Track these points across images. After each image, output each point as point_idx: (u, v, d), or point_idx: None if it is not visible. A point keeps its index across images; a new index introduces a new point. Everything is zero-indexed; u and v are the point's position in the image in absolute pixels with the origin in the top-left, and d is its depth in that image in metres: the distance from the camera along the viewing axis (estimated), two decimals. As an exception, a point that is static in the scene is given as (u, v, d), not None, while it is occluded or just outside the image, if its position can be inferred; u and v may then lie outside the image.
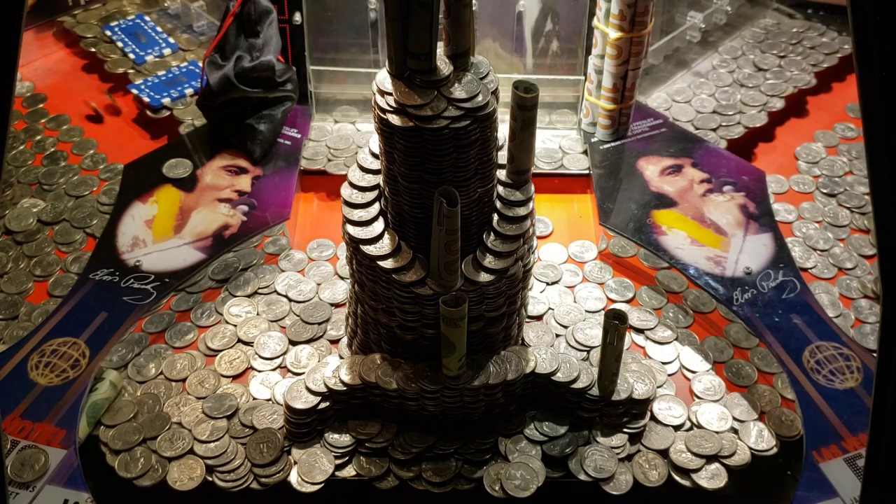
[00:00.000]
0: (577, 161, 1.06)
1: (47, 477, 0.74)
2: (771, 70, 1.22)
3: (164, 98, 1.13)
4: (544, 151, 1.07)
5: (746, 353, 0.87)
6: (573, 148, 1.08)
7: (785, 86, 1.19)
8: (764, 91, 1.18)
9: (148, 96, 1.13)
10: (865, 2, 0.55)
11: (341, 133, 1.10)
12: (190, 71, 1.18)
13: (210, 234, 0.94)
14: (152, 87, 1.15)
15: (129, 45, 1.22)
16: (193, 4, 1.21)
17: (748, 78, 1.20)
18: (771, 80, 1.20)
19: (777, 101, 1.16)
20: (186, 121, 1.11)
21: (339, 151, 1.07)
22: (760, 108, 1.15)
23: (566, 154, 1.07)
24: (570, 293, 0.94)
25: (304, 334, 0.88)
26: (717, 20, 1.23)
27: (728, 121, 1.13)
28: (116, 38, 1.23)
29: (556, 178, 1.05)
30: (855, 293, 0.93)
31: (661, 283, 0.94)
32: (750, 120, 1.13)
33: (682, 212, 0.97)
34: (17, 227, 0.99)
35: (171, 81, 1.16)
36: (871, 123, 0.56)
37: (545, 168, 1.05)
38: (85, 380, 0.80)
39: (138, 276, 0.89)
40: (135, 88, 1.15)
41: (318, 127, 1.10)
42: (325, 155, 1.06)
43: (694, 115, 1.14)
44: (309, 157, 1.05)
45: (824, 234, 0.99)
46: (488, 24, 1.07)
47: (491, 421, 0.79)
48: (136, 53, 1.21)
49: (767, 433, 0.80)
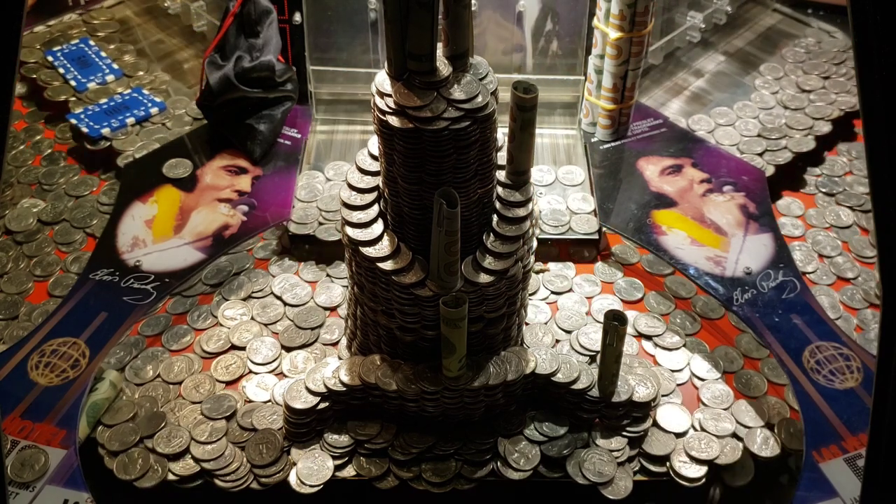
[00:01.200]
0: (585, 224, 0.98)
1: (47, 477, 0.74)
2: (816, 91, 1.18)
3: (104, 128, 1.08)
4: (550, 213, 0.98)
5: (757, 364, 0.87)
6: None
7: (830, 109, 1.15)
8: (809, 113, 1.14)
9: (87, 126, 1.08)
10: (865, 2, 0.55)
11: (333, 193, 1.00)
12: (133, 98, 1.13)
13: (210, 234, 0.94)
14: (91, 117, 1.09)
15: (71, 71, 1.17)
16: (193, 4, 1.21)
17: (792, 100, 1.16)
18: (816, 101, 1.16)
19: (824, 126, 1.12)
20: (126, 151, 1.05)
21: (331, 214, 0.97)
22: (807, 132, 1.11)
23: (575, 214, 0.99)
24: (571, 295, 0.93)
25: (297, 339, 0.88)
26: (717, 20, 1.23)
27: (774, 145, 1.09)
28: (58, 64, 1.18)
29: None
30: (859, 304, 0.92)
31: (669, 288, 0.94)
32: (797, 144, 1.09)
33: (682, 212, 0.97)
34: (17, 227, 0.99)
35: (113, 110, 1.11)
36: (871, 123, 0.56)
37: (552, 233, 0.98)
38: (85, 380, 0.80)
39: (138, 276, 0.90)
40: (73, 118, 1.09)
41: (308, 185, 1.01)
42: (316, 218, 0.97)
43: (739, 139, 1.10)
44: (298, 220, 0.97)
45: (833, 241, 0.99)
46: (488, 24, 1.07)
47: (491, 421, 0.79)
48: (78, 80, 1.15)
49: (773, 441, 0.79)
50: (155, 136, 1.08)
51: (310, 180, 1.02)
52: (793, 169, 1.07)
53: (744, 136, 1.10)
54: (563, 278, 0.95)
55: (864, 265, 0.97)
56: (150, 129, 1.09)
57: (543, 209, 0.98)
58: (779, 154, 1.08)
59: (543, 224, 0.97)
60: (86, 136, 1.08)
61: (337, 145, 1.08)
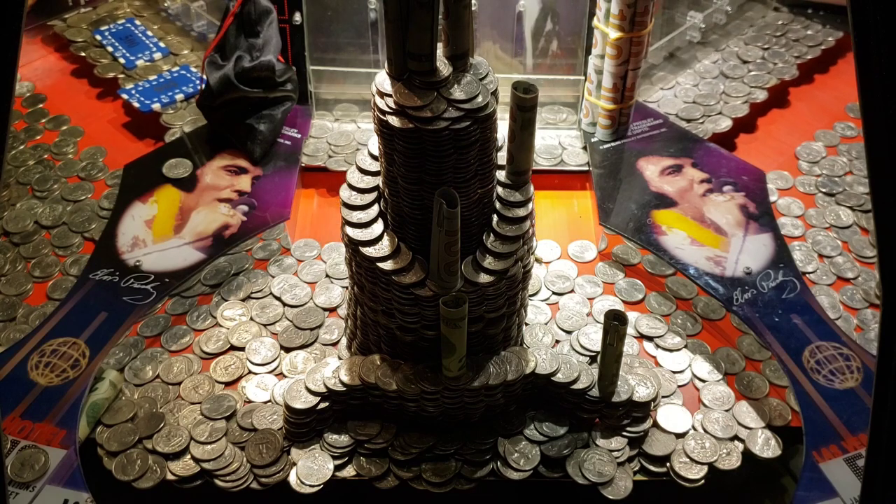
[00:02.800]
0: (576, 157, 1.06)
1: (47, 477, 0.74)
2: (754, 62, 1.22)
3: (154, 103, 1.12)
4: (544, 148, 1.07)
5: (758, 366, 0.87)
6: (573, 144, 1.08)
7: (768, 77, 1.20)
8: (747, 83, 1.19)
9: (138, 101, 1.12)
10: (865, 2, 0.54)
11: (342, 130, 1.10)
12: (181, 76, 1.17)
13: (210, 234, 0.94)
14: (142, 93, 1.14)
15: (120, 49, 1.21)
16: (193, 4, 1.21)
17: (732, 69, 1.21)
18: (754, 72, 1.20)
19: (760, 93, 1.17)
20: (175, 125, 1.10)
21: (340, 148, 1.07)
22: (745, 100, 1.16)
23: (565, 150, 1.07)
24: (572, 295, 0.93)
25: (296, 340, 0.88)
26: (717, 20, 1.23)
27: (710, 111, 1.14)
28: (107, 43, 1.22)
29: (556, 176, 1.06)
30: (858, 303, 0.92)
31: (670, 289, 0.94)
32: (732, 111, 1.14)
33: (682, 212, 0.97)
34: (14, 228, 0.99)
35: (162, 86, 1.15)
36: (871, 123, 0.56)
37: (545, 165, 1.05)
38: (85, 380, 0.80)
39: (138, 276, 0.89)
40: (125, 93, 1.14)
41: (319, 125, 1.10)
42: (326, 151, 1.06)
43: (681, 105, 1.15)
44: (309, 153, 1.06)
45: (833, 242, 0.99)
46: (488, 24, 1.07)
47: (491, 421, 0.79)
48: (127, 58, 1.20)
49: (774, 442, 0.79)
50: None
51: (320, 120, 1.10)
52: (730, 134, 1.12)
53: (685, 103, 1.15)
54: (564, 279, 0.95)
55: (864, 265, 0.97)
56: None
57: (538, 145, 1.02)
58: (716, 119, 1.13)
59: (538, 157, 1.04)
60: (137, 111, 1.11)
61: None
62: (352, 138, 1.08)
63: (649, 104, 1.13)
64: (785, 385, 0.83)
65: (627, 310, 0.91)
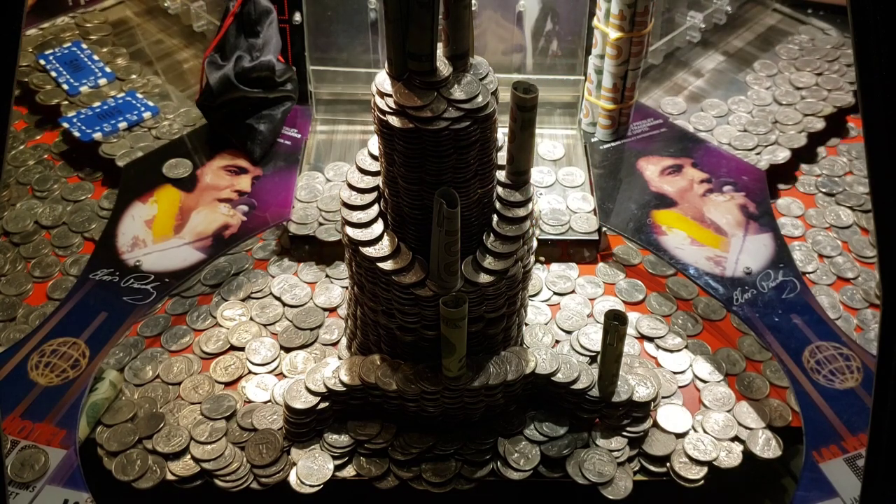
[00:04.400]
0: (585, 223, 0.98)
1: (47, 477, 0.74)
2: (808, 88, 1.18)
3: (96, 132, 1.07)
4: (551, 213, 0.98)
5: (759, 366, 0.87)
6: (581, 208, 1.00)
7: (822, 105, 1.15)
8: (800, 109, 1.14)
9: (79, 130, 1.07)
10: (865, 2, 0.54)
11: (333, 193, 1.00)
12: (126, 102, 1.11)
13: (210, 234, 0.94)
14: (84, 121, 1.08)
15: (63, 74, 1.16)
16: (193, 4, 1.21)
17: (785, 95, 1.16)
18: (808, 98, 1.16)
19: (817, 122, 1.12)
20: (117, 155, 1.04)
21: (332, 214, 0.97)
22: (801, 129, 1.11)
23: (574, 213, 0.99)
24: (573, 296, 0.94)
25: (296, 340, 0.88)
26: (717, 20, 1.23)
27: (765, 140, 1.09)
28: (51, 68, 1.17)
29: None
30: (858, 303, 0.92)
31: (670, 289, 0.94)
32: (789, 140, 1.09)
33: (682, 212, 0.97)
34: (14, 228, 0.99)
35: (106, 114, 1.09)
36: (871, 123, 0.56)
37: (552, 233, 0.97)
38: (85, 380, 0.80)
39: (138, 276, 0.89)
40: (66, 122, 1.08)
41: (308, 186, 1.01)
42: (316, 218, 0.97)
43: (734, 134, 1.10)
44: (298, 220, 0.96)
45: (833, 242, 0.99)
46: (488, 24, 1.07)
47: (491, 421, 0.79)
48: (70, 84, 1.14)
49: (774, 443, 0.79)
50: (142, 144, 1.06)
51: (310, 181, 1.02)
52: (788, 165, 1.08)
53: (738, 132, 1.10)
54: (565, 279, 0.95)
55: (864, 265, 0.97)
56: (139, 135, 1.08)
57: (543, 209, 0.98)
58: (771, 149, 1.08)
59: (543, 224, 0.96)
60: (77, 140, 1.07)
61: (337, 145, 1.08)
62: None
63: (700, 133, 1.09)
64: (785, 386, 0.83)
65: (628, 310, 0.91)
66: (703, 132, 1.10)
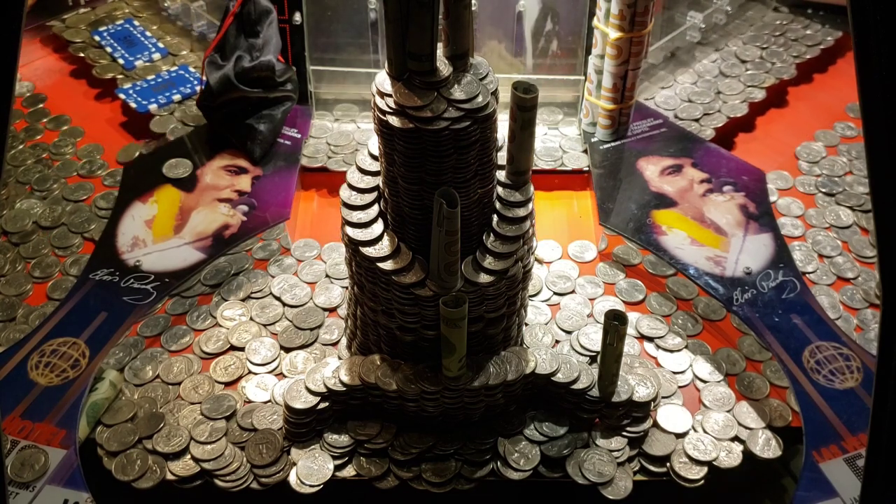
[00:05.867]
0: (576, 159, 1.06)
1: (47, 477, 0.74)
2: (752, 62, 1.22)
3: (151, 104, 1.12)
4: (544, 150, 1.07)
5: (759, 366, 0.87)
6: (573, 147, 1.08)
7: (766, 76, 1.20)
8: (744, 81, 1.18)
9: (135, 101, 1.12)
10: (865, 2, 0.54)
11: (341, 130, 1.09)
12: (179, 76, 1.17)
13: (210, 234, 0.94)
14: (140, 93, 1.13)
15: (119, 49, 1.21)
16: (193, 4, 1.21)
17: (731, 68, 1.21)
18: (752, 71, 1.20)
19: (758, 92, 1.17)
20: (171, 127, 1.09)
21: (340, 148, 1.07)
22: (743, 100, 1.16)
23: (566, 153, 1.07)
24: (573, 296, 0.93)
25: (296, 340, 0.88)
26: (717, 20, 1.23)
27: (709, 108, 1.14)
28: (105, 44, 1.22)
29: (556, 176, 1.05)
30: (858, 303, 0.92)
31: (670, 289, 0.94)
32: (731, 110, 1.14)
33: (682, 212, 0.97)
34: (13, 227, 0.99)
35: (160, 86, 1.14)
36: (871, 123, 0.56)
37: (544, 166, 1.05)
38: (85, 380, 0.80)
39: (138, 276, 0.89)
40: (122, 93, 1.13)
41: (319, 125, 1.10)
42: (325, 152, 1.06)
43: (678, 104, 1.15)
44: (309, 154, 1.05)
45: (833, 242, 0.99)
46: (488, 24, 1.07)
47: (491, 421, 0.79)
48: (126, 58, 1.19)
49: (774, 443, 0.79)
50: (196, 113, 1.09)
51: (320, 120, 1.10)
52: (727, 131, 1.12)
53: (682, 102, 1.15)
54: (565, 279, 0.95)
55: (864, 265, 0.97)
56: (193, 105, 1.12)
57: (538, 147, 1.02)
58: (714, 118, 1.13)
59: (538, 159, 1.03)
60: (134, 111, 1.11)
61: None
62: (351, 138, 1.08)
63: (647, 102, 1.13)
64: (785, 386, 0.83)
65: (628, 310, 0.91)
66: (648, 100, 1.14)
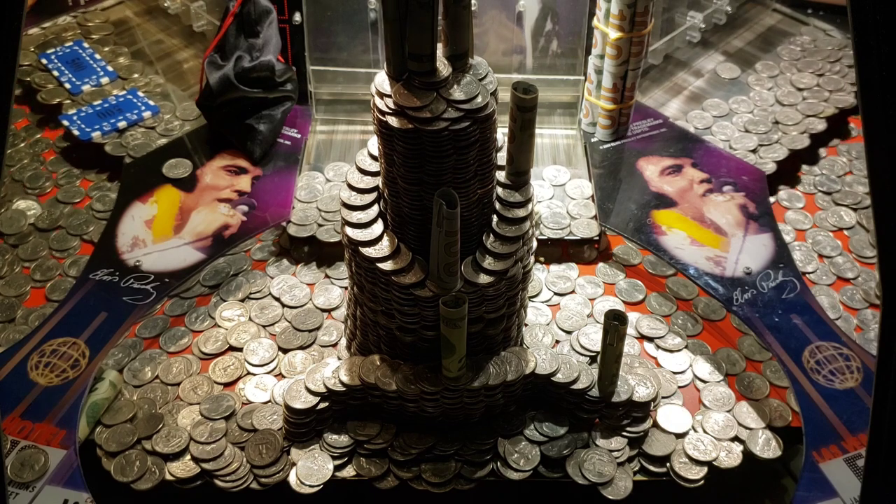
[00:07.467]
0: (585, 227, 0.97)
1: (47, 477, 0.74)
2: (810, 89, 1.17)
3: (95, 131, 1.06)
4: (551, 217, 0.98)
5: (759, 366, 0.87)
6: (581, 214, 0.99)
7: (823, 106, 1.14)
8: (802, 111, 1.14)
9: (77, 129, 1.07)
10: (865, 2, 0.54)
11: (333, 194, 0.99)
12: (127, 100, 1.11)
13: (210, 234, 0.94)
14: (84, 119, 1.08)
15: (66, 73, 1.16)
16: (193, 4, 1.21)
17: (787, 96, 1.16)
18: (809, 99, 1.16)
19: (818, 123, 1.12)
20: (115, 156, 1.04)
21: (331, 215, 0.97)
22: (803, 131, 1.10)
23: (575, 219, 0.98)
24: (573, 296, 0.93)
25: (295, 341, 0.88)
26: (717, 20, 1.23)
27: (767, 140, 1.09)
28: (53, 67, 1.16)
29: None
30: (858, 303, 0.92)
31: (670, 289, 0.94)
32: (791, 142, 1.09)
33: (682, 212, 0.97)
34: (10, 229, 0.99)
35: (105, 113, 1.09)
36: (871, 123, 0.56)
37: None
38: (85, 380, 0.80)
39: (138, 276, 0.89)
40: (66, 119, 1.08)
41: (308, 186, 1.00)
42: (315, 219, 0.97)
43: (734, 133, 1.10)
44: (298, 221, 0.96)
45: (833, 242, 0.99)
46: (488, 24, 1.07)
47: (491, 422, 0.79)
48: (72, 83, 1.14)
49: (774, 443, 0.79)
50: (136, 142, 1.06)
51: (310, 181, 1.02)
52: (790, 166, 1.07)
53: (738, 132, 1.10)
54: (565, 279, 0.95)
55: (864, 265, 0.97)
56: (140, 133, 1.07)
57: (544, 213, 0.98)
58: (773, 149, 1.08)
59: (545, 228, 0.96)
60: (76, 139, 1.06)
61: (337, 145, 1.08)
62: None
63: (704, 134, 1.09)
64: (785, 386, 0.83)
65: (628, 310, 0.91)
66: (702, 130, 1.10)
